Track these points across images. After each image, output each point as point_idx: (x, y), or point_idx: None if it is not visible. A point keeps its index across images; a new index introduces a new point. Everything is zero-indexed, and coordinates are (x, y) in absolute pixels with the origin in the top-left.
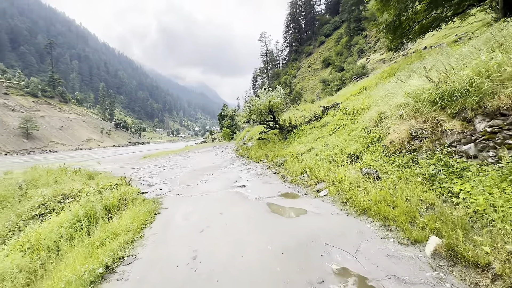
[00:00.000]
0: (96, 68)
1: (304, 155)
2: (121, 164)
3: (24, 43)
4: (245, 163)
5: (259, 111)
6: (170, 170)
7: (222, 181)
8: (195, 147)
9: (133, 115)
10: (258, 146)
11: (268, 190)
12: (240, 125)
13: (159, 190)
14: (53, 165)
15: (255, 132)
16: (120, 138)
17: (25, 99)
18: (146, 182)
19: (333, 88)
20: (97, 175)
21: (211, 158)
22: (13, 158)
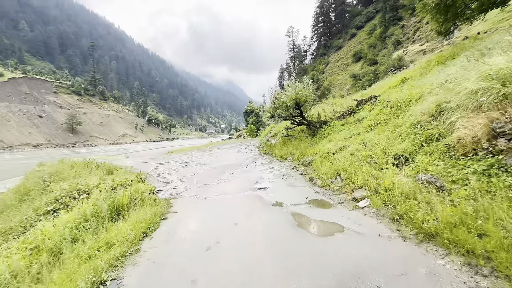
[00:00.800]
0: (131, 67)
1: (337, 155)
2: (146, 159)
3: (70, 46)
4: (268, 161)
5: (284, 105)
6: (190, 167)
7: (241, 181)
8: (218, 143)
9: (164, 112)
10: (283, 143)
11: (294, 195)
12: (265, 122)
13: (174, 189)
14: (85, 158)
15: (280, 129)
16: (152, 134)
17: (70, 97)
18: (164, 179)
19: (364, 83)
20: (117, 170)
21: (233, 155)
22: (60, 150)
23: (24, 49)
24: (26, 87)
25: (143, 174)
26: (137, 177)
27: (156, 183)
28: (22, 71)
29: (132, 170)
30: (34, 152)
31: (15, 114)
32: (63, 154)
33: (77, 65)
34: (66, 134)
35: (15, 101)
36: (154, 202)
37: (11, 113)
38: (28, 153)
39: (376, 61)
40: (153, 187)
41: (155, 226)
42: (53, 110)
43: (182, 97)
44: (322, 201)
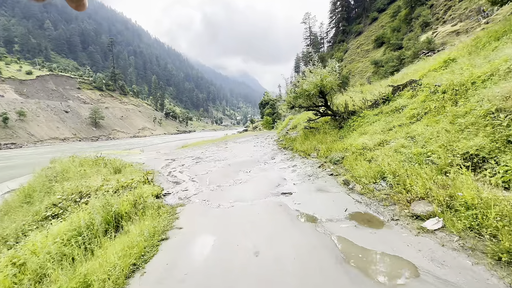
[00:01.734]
0: (149, 62)
1: (375, 151)
2: (159, 154)
3: (91, 43)
4: (289, 157)
5: (306, 94)
6: (204, 163)
7: (260, 182)
8: (234, 136)
9: (180, 105)
10: (305, 136)
11: (328, 205)
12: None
13: (184, 192)
14: (96, 154)
15: (300, 120)
16: (170, 127)
17: (93, 93)
18: (174, 178)
19: (387, 70)
20: (126, 168)
21: (250, 150)
22: (85, 144)
23: (50, 48)
24: (52, 83)
25: (151, 173)
26: (143, 178)
27: (164, 184)
28: (49, 69)
29: (142, 168)
30: (61, 146)
31: (44, 110)
32: (86, 148)
33: (98, 61)
34: (90, 128)
35: (43, 98)
36: (157, 211)
37: (40, 109)
38: (56, 146)
39: (401, 46)
40: (161, 189)
41: (151, 251)
42: (78, 105)
43: (198, 90)
44: (368, 216)
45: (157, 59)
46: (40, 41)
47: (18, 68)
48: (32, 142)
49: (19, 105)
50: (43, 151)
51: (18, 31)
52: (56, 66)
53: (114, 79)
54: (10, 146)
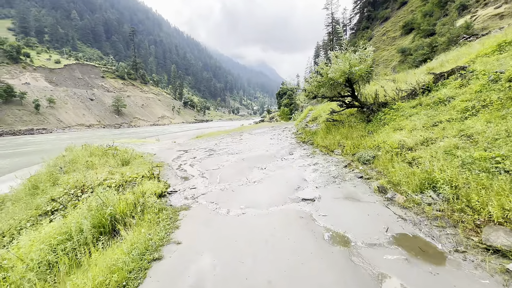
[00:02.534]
0: (168, 51)
1: (417, 151)
2: (173, 144)
3: (114, 32)
4: (309, 153)
5: (331, 82)
6: (216, 156)
7: (277, 182)
8: (250, 127)
9: (198, 95)
10: (327, 130)
11: (362, 220)
12: (299, 104)
13: (192, 190)
14: (109, 144)
15: (321, 112)
16: (188, 116)
17: (116, 81)
18: (183, 172)
19: (416, 58)
20: (135, 159)
21: (266, 143)
22: (108, 131)
23: (76, 37)
24: (78, 72)
25: (160, 166)
26: (149, 172)
27: (172, 179)
28: (75, 58)
29: (152, 159)
30: (87, 132)
31: (71, 98)
32: (107, 135)
33: (120, 50)
34: (113, 116)
35: (71, 86)
36: (157, 215)
37: (68, 96)
38: (81, 132)
39: (433, 32)
40: (167, 185)
41: (136, 279)
42: (102, 93)
43: (216, 79)
44: (420, 241)
45: (176, 48)
46: (67, 31)
47: (48, 57)
48: (61, 127)
49: (49, 93)
50: (69, 136)
51: (47, 22)
52: (82, 55)
53: (135, 68)
54: (42, 131)
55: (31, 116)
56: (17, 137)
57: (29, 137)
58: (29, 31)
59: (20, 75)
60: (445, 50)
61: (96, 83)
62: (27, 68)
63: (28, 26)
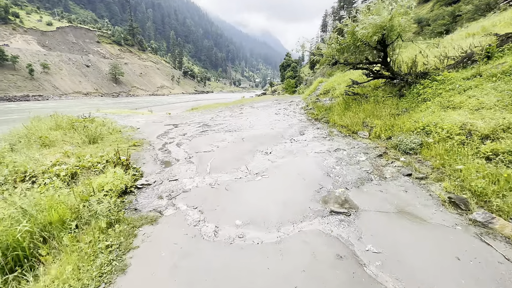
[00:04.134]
0: (167, 16)
1: (500, 142)
2: (164, 116)
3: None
4: (324, 134)
5: (358, 44)
6: (211, 134)
7: (288, 178)
8: (251, 100)
9: (199, 64)
10: (345, 105)
11: (452, 275)
12: (303, 77)
13: (171, 183)
14: (84, 114)
15: (334, 84)
16: (188, 86)
17: (112, 47)
18: (166, 155)
19: (434, 29)
20: (111, 135)
21: (270, 119)
22: (106, 99)
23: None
24: (72, 36)
25: (139, 145)
26: (115, 156)
27: (149, 165)
28: (68, 20)
29: (133, 135)
30: (83, 100)
31: (66, 63)
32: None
33: (116, 13)
34: (110, 84)
35: (65, 50)
36: (104, 235)
37: (62, 62)
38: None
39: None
40: (138, 174)
41: None
42: (98, 60)
43: (217, 48)
44: None
45: (175, 13)
46: None
47: (39, 18)
48: (57, 95)
49: (43, 57)
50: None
51: None
52: (75, 17)
53: (132, 33)
54: (38, 98)
55: (25, 82)
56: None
57: (24, 103)
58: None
59: (10, 37)
60: (470, 20)
61: (92, 49)
62: (17, 30)
63: None
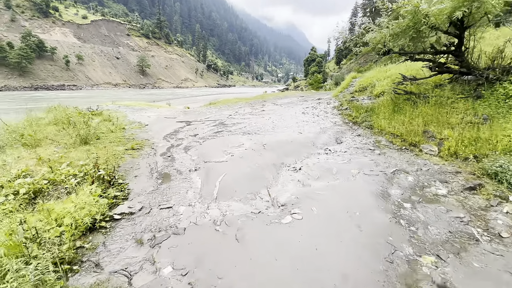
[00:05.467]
0: (193, 9)
1: None
2: (179, 111)
3: None
4: (369, 144)
5: (422, 27)
6: (226, 136)
7: (335, 224)
8: (274, 95)
9: (222, 58)
10: (394, 107)
11: None
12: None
13: (162, 213)
14: (90, 107)
15: (373, 79)
16: (211, 80)
17: (140, 40)
18: (167, 163)
19: None
20: (113, 132)
21: (297, 120)
22: (134, 90)
23: None
24: (105, 29)
25: (139, 148)
26: (95, 169)
27: (141, 179)
28: (101, 13)
29: (137, 134)
30: (113, 91)
31: (98, 55)
32: (125, 96)
33: (145, 7)
34: (138, 76)
35: (98, 43)
36: None
37: (95, 54)
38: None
39: None
40: (118, 198)
41: None
42: (127, 52)
43: (241, 42)
44: None
45: (201, 6)
46: None
47: (75, 12)
48: (89, 85)
49: (78, 49)
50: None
51: None
52: (107, 11)
53: (160, 26)
54: (72, 88)
55: (62, 72)
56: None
57: (59, 92)
58: None
59: (50, 29)
60: None
61: (122, 41)
62: (56, 23)
63: None
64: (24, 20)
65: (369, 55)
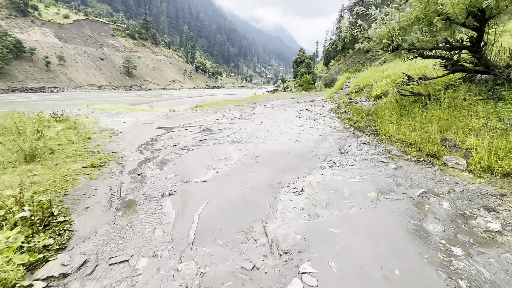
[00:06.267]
0: (181, 10)
1: None
2: (162, 115)
3: None
4: (379, 154)
5: (435, 19)
6: (211, 145)
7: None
8: (264, 96)
9: (211, 59)
10: (399, 109)
11: None
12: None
13: (110, 275)
14: (58, 112)
15: (369, 80)
16: (200, 81)
17: (126, 41)
18: (134, 187)
19: None
20: (74, 143)
21: (292, 124)
22: (119, 93)
23: None
24: (88, 29)
25: (101, 164)
26: (18, 204)
27: (92, 213)
28: (84, 13)
29: (104, 145)
30: (97, 93)
31: (81, 56)
32: (110, 98)
33: (131, 7)
34: (123, 77)
35: (80, 43)
36: None
37: (78, 54)
38: (92, 93)
39: None
40: (49, 249)
41: None
42: (112, 53)
43: (230, 43)
44: None
45: (189, 7)
46: None
47: (56, 11)
48: (72, 87)
49: (59, 50)
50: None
51: None
52: (91, 10)
53: (146, 27)
54: (53, 90)
55: (42, 74)
56: (28, 94)
57: (35, 95)
58: None
59: (29, 29)
60: None
61: (106, 42)
62: (35, 22)
63: None
64: (0, 19)
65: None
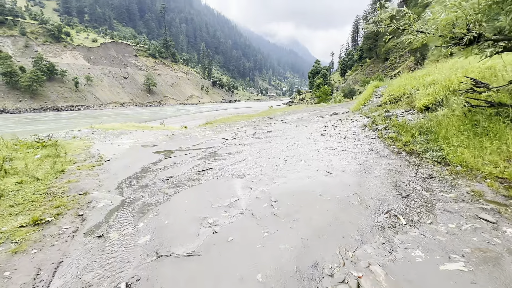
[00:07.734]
0: (199, 29)
1: None
2: (166, 135)
3: (147, 10)
4: (463, 198)
5: None
6: (212, 179)
7: None
8: (281, 110)
9: (227, 74)
10: (471, 126)
11: None
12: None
13: None
14: (51, 135)
15: (406, 88)
16: (216, 95)
17: (147, 60)
18: (72, 273)
19: None
20: (36, 181)
21: (317, 146)
22: (141, 109)
23: (113, 16)
24: (113, 51)
25: (55, 215)
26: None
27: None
28: (110, 36)
29: (76, 183)
30: (120, 109)
31: (107, 76)
32: (130, 113)
33: (153, 29)
34: (145, 94)
35: (106, 64)
36: None
37: (104, 74)
38: (115, 109)
39: None
40: None
41: None
42: (134, 72)
43: (245, 58)
44: None
45: (206, 26)
46: (104, 10)
47: (86, 36)
48: (97, 105)
49: (87, 71)
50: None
51: (87, 1)
52: (116, 33)
53: (166, 46)
54: (80, 108)
55: (71, 93)
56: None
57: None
58: (71, 11)
59: (61, 53)
60: None
61: (130, 62)
62: (67, 47)
63: (70, 6)
64: (37, 45)
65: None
